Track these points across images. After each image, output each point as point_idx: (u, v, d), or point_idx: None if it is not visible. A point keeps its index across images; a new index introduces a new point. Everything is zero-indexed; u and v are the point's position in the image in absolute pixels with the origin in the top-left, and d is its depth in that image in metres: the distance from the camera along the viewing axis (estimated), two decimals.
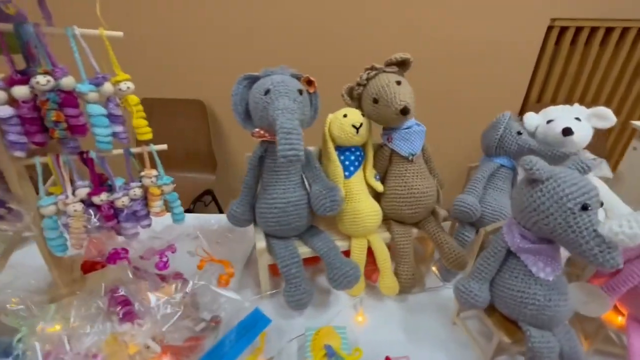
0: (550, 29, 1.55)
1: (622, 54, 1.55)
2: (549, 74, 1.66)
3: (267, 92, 0.60)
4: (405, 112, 0.63)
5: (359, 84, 0.70)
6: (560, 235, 0.45)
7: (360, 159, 0.73)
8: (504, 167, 0.74)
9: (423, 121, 0.72)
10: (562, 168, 0.47)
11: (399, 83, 0.65)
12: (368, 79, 0.69)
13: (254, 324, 0.62)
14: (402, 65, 0.69)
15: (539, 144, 0.70)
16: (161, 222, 0.70)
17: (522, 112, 1.59)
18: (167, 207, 0.70)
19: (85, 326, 0.53)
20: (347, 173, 0.72)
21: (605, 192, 0.69)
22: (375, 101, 0.67)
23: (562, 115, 0.70)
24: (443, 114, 1.53)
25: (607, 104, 1.69)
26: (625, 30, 1.50)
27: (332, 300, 0.72)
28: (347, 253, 0.71)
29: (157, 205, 0.69)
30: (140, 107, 0.61)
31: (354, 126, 0.68)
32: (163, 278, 0.70)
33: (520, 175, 0.77)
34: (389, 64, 0.68)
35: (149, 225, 0.73)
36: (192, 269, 0.69)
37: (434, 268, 0.78)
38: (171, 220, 0.71)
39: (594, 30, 1.54)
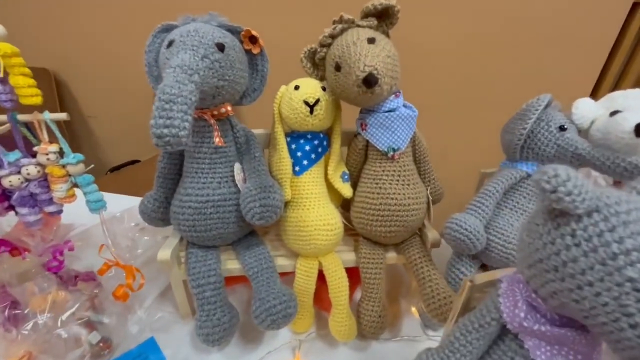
0: (635, 6, 1.20)
1: None
2: (629, 63, 1.29)
3: (170, 44, 0.42)
4: (369, 82, 0.41)
5: (322, 45, 0.49)
6: (604, 325, 0.23)
7: (319, 150, 0.53)
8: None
9: (458, 115, 0.50)
10: (624, 195, 0.24)
11: (371, 41, 0.44)
12: (333, 37, 0.48)
13: (144, 358, 0.46)
14: (384, 16, 0.47)
15: (594, 147, 0.45)
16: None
17: None
18: None
19: None
20: (297, 168, 0.52)
21: None
22: (338, 67, 0.46)
23: (637, 104, 0.44)
24: (484, 106, 1.25)
25: None
26: None
27: (267, 334, 0.54)
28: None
29: (59, 188, 0.55)
30: (20, 61, 0.47)
31: (306, 103, 0.48)
32: (69, 279, 0.57)
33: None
34: (366, 14, 0.47)
35: (59, 212, 0.60)
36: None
37: (414, 309, 0.57)
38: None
39: None
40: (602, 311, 0.23)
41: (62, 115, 0.51)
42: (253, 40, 0.49)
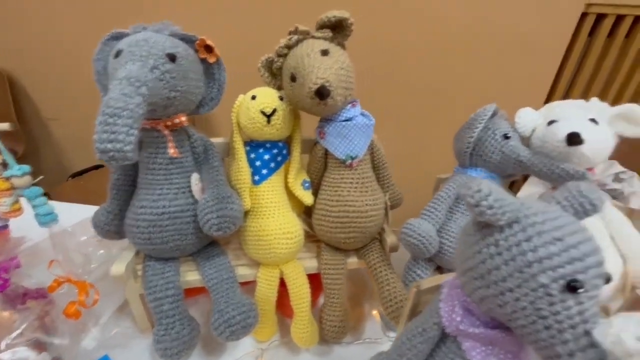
0: (584, 15, 1.28)
1: None
2: (578, 71, 1.38)
3: (118, 54, 0.41)
4: (321, 94, 0.42)
5: (278, 55, 0.49)
6: (524, 328, 0.25)
7: (279, 159, 0.54)
8: None
9: (417, 121, 0.52)
10: (543, 205, 0.26)
11: (325, 53, 0.45)
12: (289, 47, 0.48)
13: None
14: (338, 28, 0.48)
15: (535, 154, 0.48)
16: None
17: None
18: None
19: None
20: (256, 177, 0.52)
21: (622, 231, 0.47)
22: (293, 78, 0.47)
23: (571, 114, 0.47)
24: (442, 113, 1.29)
25: None
26: None
27: (230, 345, 0.54)
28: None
29: (3, 202, 0.52)
30: None
31: (263, 113, 0.49)
32: (17, 298, 0.54)
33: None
34: (321, 26, 0.48)
35: (4, 227, 0.57)
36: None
37: (375, 312, 0.59)
38: None
39: (638, 19, 1.25)
40: (521, 315, 0.24)
41: (5, 126, 0.49)
42: (208, 49, 0.49)
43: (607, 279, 0.26)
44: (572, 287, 0.23)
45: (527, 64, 1.29)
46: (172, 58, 0.42)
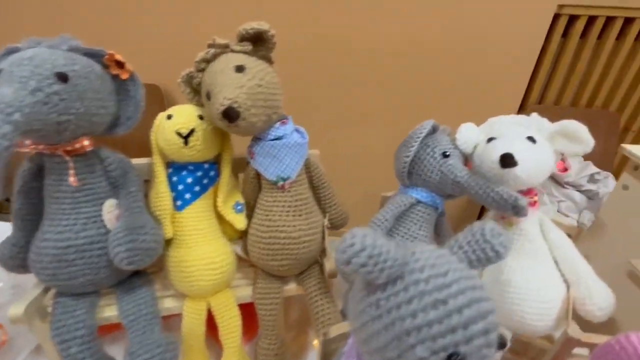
0: (557, 17, 1.27)
1: None
2: (553, 71, 1.38)
3: None
4: (230, 116, 0.38)
5: (197, 69, 0.45)
6: None
7: (205, 181, 0.49)
8: (422, 204, 0.49)
9: (391, 123, 0.48)
10: (435, 255, 0.23)
11: (240, 69, 0.41)
12: (207, 61, 0.44)
13: None
14: (258, 41, 0.44)
15: (473, 174, 0.45)
16: None
17: None
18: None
19: None
20: (178, 202, 0.48)
21: (567, 255, 0.44)
22: (209, 96, 0.43)
23: (509, 131, 0.44)
24: (414, 116, 1.26)
25: (621, 108, 1.39)
26: None
27: None
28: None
29: None
30: None
31: (179, 134, 0.45)
32: None
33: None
34: (240, 38, 0.44)
35: None
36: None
37: (315, 342, 0.55)
38: None
39: (610, 20, 1.25)
40: None
41: None
42: (120, 64, 0.44)
43: (502, 344, 0.22)
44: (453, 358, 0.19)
45: (502, 66, 1.27)
46: (62, 78, 0.37)
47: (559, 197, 1.00)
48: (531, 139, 0.42)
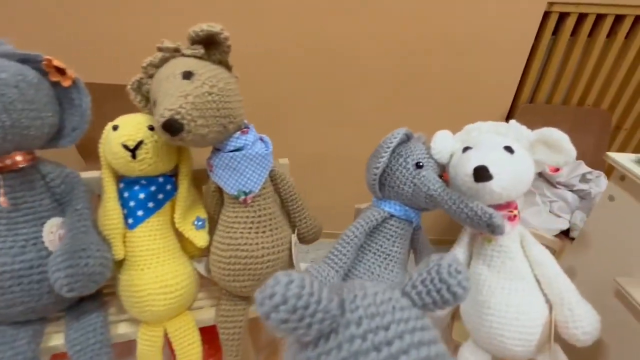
0: (547, 14, 1.24)
1: (633, 48, 1.24)
2: (544, 70, 1.35)
3: None
4: (171, 130, 0.34)
5: (148, 75, 0.41)
6: None
7: (160, 196, 0.46)
8: (396, 218, 0.46)
9: (381, 125, 0.44)
10: (379, 300, 0.19)
11: (187, 75, 0.37)
12: (155, 66, 0.40)
13: None
14: (213, 44, 0.40)
15: (446, 187, 0.41)
16: None
17: (510, 116, 1.25)
18: None
19: None
20: (130, 220, 0.44)
21: (549, 273, 0.41)
22: (155, 104, 0.39)
23: (486, 140, 0.41)
24: (406, 117, 1.22)
25: (612, 106, 1.37)
26: (638, 19, 1.19)
27: None
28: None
29: None
30: None
31: (125, 147, 0.41)
32: None
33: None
34: (192, 41, 0.40)
35: None
36: None
37: None
38: None
39: (600, 17, 1.23)
40: None
41: None
42: (60, 71, 0.40)
43: None
44: None
45: (492, 65, 1.24)
46: None
47: (551, 197, 0.98)
48: (509, 149, 0.39)
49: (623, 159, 0.42)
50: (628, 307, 0.39)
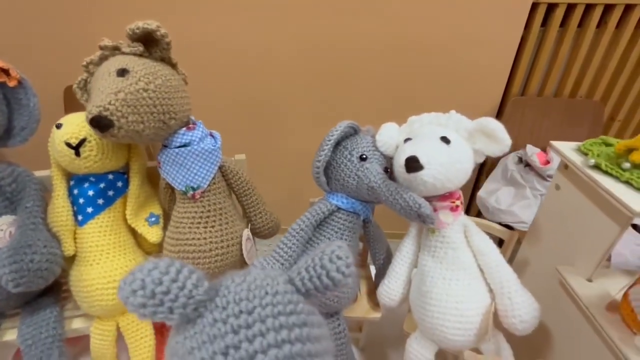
0: (535, 6, 1.22)
1: (624, 38, 1.21)
2: (534, 62, 1.34)
3: None
4: (99, 126, 0.35)
5: (90, 73, 0.42)
6: None
7: (111, 193, 0.46)
8: (343, 211, 0.46)
9: (375, 119, 0.44)
10: (257, 280, 0.20)
11: (122, 73, 0.38)
12: (96, 64, 0.41)
13: None
14: (151, 42, 0.40)
15: (386, 179, 0.41)
16: None
17: (501, 109, 1.23)
18: None
19: None
20: (80, 217, 0.45)
21: (491, 263, 0.40)
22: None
23: (424, 131, 0.41)
24: (397, 111, 1.22)
25: (605, 97, 1.35)
26: (628, 8, 1.17)
27: None
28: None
29: None
30: None
31: (68, 145, 0.41)
32: None
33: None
34: (131, 39, 0.40)
35: None
36: None
37: None
38: None
39: (589, 8, 1.20)
40: None
41: None
42: (5, 71, 0.41)
43: None
44: None
45: (482, 58, 1.21)
46: None
47: (541, 190, 0.97)
48: (445, 139, 0.39)
49: (565, 147, 0.42)
50: (569, 295, 0.39)
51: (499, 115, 1.25)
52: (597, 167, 0.36)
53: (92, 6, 0.86)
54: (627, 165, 0.34)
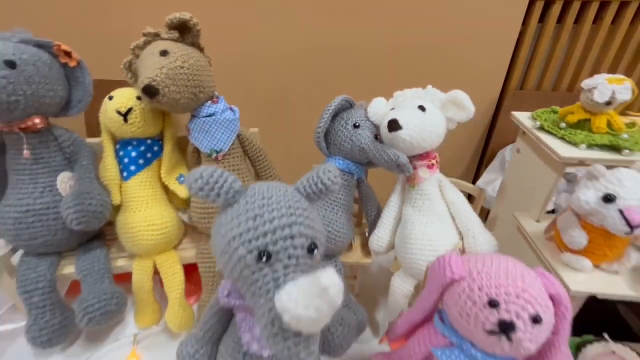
0: (532, 2, 1.27)
1: (619, 33, 1.25)
2: (532, 57, 1.38)
3: None
4: (149, 93, 0.45)
5: (135, 55, 0.52)
6: (247, 296, 0.28)
7: (149, 155, 0.56)
8: (340, 171, 0.55)
9: None
10: (275, 185, 0.30)
11: (163, 53, 0.47)
12: (140, 48, 0.51)
13: None
14: (185, 29, 0.50)
15: (377, 142, 0.51)
16: None
17: (500, 102, 1.27)
18: None
19: None
20: (125, 174, 0.55)
21: (460, 210, 0.50)
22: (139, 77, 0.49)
23: (405, 102, 0.50)
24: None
25: None
26: (623, 5, 1.21)
27: (114, 332, 0.57)
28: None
29: None
30: None
31: (118, 112, 0.51)
32: None
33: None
34: (169, 27, 0.50)
35: None
36: None
37: None
38: None
39: (585, 4, 1.25)
40: (240, 285, 0.28)
41: None
42: (68, 54, 0.51)
43: (311, 249, 0.28)
44: (265, 256, 0.26)
45: (480, 54, 1.24)
46: (10, 64, 0.44)
47: None
48: (421, 107, 0.48)
49: (522, 116, 0.51)
50: (521, 233, 0.47)
51: (498, 108, 1.30)
52: (541, 128, 0.45)
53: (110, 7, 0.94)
54: (563, 125, 0.43)
